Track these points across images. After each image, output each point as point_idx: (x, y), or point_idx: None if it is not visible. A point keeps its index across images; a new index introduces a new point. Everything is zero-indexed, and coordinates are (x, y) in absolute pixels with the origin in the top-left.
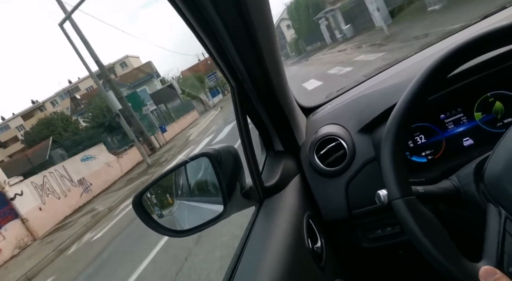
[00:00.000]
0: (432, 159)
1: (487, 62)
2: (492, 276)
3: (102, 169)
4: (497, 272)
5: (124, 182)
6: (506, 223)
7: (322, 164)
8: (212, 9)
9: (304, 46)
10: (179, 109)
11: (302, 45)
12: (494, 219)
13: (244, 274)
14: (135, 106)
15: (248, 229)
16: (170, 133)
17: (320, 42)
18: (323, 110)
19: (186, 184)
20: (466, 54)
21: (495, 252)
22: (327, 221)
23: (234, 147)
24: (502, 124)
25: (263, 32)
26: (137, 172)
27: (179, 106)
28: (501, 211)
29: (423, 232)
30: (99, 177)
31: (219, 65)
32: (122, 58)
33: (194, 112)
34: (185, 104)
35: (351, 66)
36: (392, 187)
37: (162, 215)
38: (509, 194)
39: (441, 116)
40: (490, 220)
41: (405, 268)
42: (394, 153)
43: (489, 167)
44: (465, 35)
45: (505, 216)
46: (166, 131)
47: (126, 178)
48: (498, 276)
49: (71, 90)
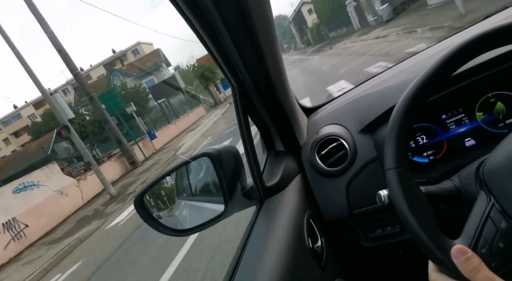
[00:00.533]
0: (434, 159)
1: (488, 63)
2: (463, 255)
3: (50, 200)
4: (468, 251)
5: (74, 223)
6: (491, 210)
7: (323, 164)
8: (213, 8)
9: (326, 32)
10: (183, 104)
11: (325, 31)
12: (481, 204)
13: (245, 273)
14: (112, 107)
15: (248, 228)
16: (164, 137)
17: (346, 28)
18: (324, 110)
19: (187, 183)
20: (469, 53)
21: (473, 233)
22: (327, 221)
23: (235, 147)
24: (504, 124)
25: (264, 32)
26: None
27: (183, 101)
28: (491, 199)
29: (408, 204)
30: (42, 214)
31: (220, 65)
32: (134, 45)
33: (199, 108)
34: (188, 99)
35: None
36: (389, 157)
37: (163, 215)
38: (503, 184)
39: (443, 117)
40: (477, 205)
41: (405, 267)
42: (400, 127)
43: (490, 159)
44: (465, 35)
45: (493, 203)
46: (155, 137)
47: (80, 214)
48: (469, 255)
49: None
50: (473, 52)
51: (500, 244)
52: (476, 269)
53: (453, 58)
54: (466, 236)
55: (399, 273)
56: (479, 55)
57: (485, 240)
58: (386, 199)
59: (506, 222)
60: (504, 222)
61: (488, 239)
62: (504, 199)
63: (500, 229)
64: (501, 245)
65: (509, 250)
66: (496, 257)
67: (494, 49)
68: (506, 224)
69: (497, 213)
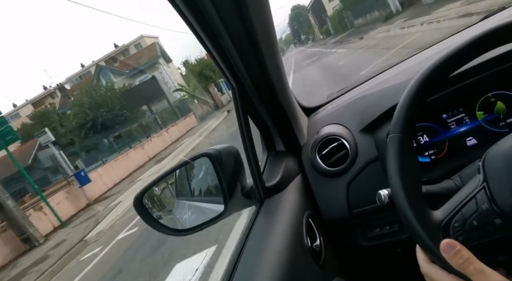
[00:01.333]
0: (435, 158)
1: (488, 63)
2: (453, 248)
3: None
4: (457, 245)
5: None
6: (479, 192)
7: (324, 164)
8: (213, 10)
9: (351, 20)
10: (169, 113)
11: (349, 18)
12: (472, 185)
13: (244, 272)
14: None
15: (248, 228)
16: (115, 173)
17: (378, 11)
18: (325, 110)
19: (187, 183)
20: (467, 55)
21: (453, 207)
22: (327, 221)
23: (235, 147)
24: (505, 123)
25: (264, 33)
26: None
27: (168, 109)
28: (483, 183)
29: (400, 169)
30: None
31: (220, 66)
32: (137, 39)
33: (189, 117)
34: (178, 106)
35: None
36: (395, 123)
37: (163, 215)
38: (499, 171)
39: (443, 116)
40: (467, 185)
41: (403, 266)
42: (413, 100)
43: (494, 146)
44: (465, 35)
45: (483, 187)
46: (89, 181)
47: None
48: (458, 249)
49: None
50: (471, 54)
51: (474, 222)
52: (467, 262)
53: (448, 61)
54: (446, 208)
55: (398, 272)
56: (476, 58)
57: (462, 216)
58: (386, 198)
59: (489, 205)
60: (486, 204)
61: (465, 215)
62: (495, 185)
63: (480, 210)
64: (475, 223)
65: (480, 229)
66: (465, 233)
67: (492, 50)
68: (487, 206)
69: (483, 196)
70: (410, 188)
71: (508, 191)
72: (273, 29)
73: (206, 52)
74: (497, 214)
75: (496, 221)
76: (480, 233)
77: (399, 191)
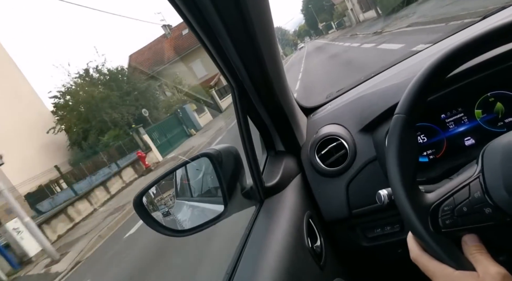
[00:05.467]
0: (434, 158)
1: (487, 62)
2: None
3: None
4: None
5: None
6: (474, 181)
7: (323, 164)
8: (212, 9)
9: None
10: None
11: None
12: (467, 174)
13: (245, 272)
14: None
15: (248, 228)
16: None
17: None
18: (324, 110)
19: (186, 184)
20: (465, 55)
21: (446, 192)
22: (327, 221)
23: (235, 147)
24: (503, 123)
25: (263, 32)
26: None
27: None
28: (478, 172)
29: (398, 155)
30: None
31: (220, 66)
32: None
33: None
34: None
35: None
36: (404, 103)
37: (163, 215)
38: (496, 163)
39: (442, 116)
40: (463, 174)
41: (404, 266)
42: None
43: (497, 139)
44: (464, 35)
45: (478, 176)
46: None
47: None
48: None
49: None
50: (469, 54)
51: (464, 208)
52: None
53: (446, 61)
54: (439, 192)
55: (398, 273)
56: (474, 58)
57: (453, 201)
58: (386, 198)
59: (481, 194)
60: (479, 193)
61: (456, 201)
62: (491, 176)
63: (472, 198)
64: (464, 209)
65: (468, 216)
66: (453, 217)
67: (491, 50)
68: (480, 195)
69: (477, 185)
70: (405, 169)
71: (502, 183)
72: (273, 28)
73: (206, 52)
74: (488, 204)
75: (486, 210)
76: (467, 220)
77: (394, 170)
